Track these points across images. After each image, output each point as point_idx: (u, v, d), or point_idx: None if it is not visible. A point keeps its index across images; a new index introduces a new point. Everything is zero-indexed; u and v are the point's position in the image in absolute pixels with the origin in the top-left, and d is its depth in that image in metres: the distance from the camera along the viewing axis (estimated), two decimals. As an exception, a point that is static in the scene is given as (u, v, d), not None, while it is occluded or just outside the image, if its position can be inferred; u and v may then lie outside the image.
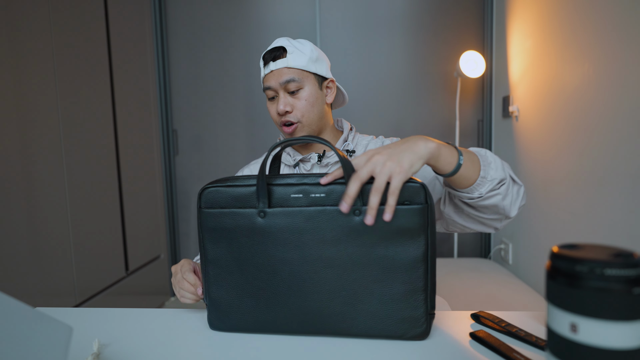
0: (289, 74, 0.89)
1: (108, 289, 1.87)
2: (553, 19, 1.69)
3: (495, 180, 0.69)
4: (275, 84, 0.90)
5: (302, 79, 0.90)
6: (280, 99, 0.90)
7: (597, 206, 1.41)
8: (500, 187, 0.71)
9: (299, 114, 0.90)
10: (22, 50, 1.43)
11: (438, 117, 2.42)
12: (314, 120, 0.92)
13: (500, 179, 0.70)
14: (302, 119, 0.91)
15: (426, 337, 0.61)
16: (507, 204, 0.73)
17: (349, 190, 0.56)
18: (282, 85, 0.89)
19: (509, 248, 2.16)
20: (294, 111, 0.90)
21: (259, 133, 2.47)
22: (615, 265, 0.34)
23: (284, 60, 0.89)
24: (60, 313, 0.74)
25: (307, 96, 0.90)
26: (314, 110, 0.91)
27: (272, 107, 0.93)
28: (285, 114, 0.90)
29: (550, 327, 0.38)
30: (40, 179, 1.49)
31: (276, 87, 0.90)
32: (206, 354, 0.59)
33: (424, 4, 2.36)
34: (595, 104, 1.41)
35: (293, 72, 0.89)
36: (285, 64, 0.89)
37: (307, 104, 0.90)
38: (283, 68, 0.89)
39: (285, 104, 0.89)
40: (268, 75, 0.92)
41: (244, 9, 2.42)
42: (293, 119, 0.90)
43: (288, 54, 0.89)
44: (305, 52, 0.91)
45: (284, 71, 0.89)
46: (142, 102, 2.24)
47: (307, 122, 0.91)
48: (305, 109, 0.90)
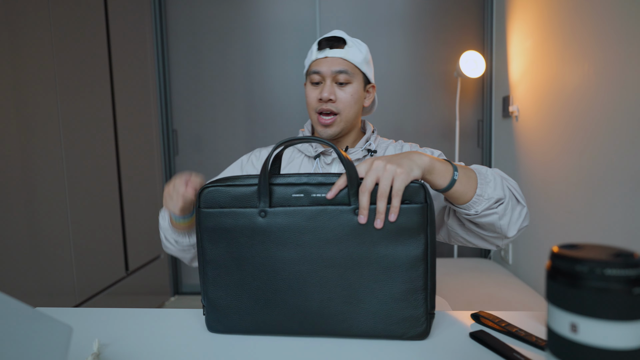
0: (343, 65, 0.90)
1: (108, 289, 1.87)
2: (553, 19, 1.69)
3: (492, 199, 0.70)
4: (326, 70, 0.90)
5: (354, 74, 0.91)
6: (327, 86, 0.90)
7: (597, 206, 1.41)
8: (498, 207, 0.71)
9: (341, 105, 0.90)
10: (22, 50, 1.43)
11: (438, 117, 2.42)
12: (350, 117, 0.93)
13: (497, 198, 0.70)
14: (342, 111, 0.91)
15: (426, 337, 0.61)
16: (504, 223, 0.73)
17: (362, 203, 0.58)
18: (333, 74, 0.90)
19: (509, 248, 2.16)
20: (337, 102, 0.90)
21: (259, 133, 2.47)
22: (616, 265, 0.34)
23: (342, 51, 0.90)
24: (60, 313, 0.74)
25: (353, 92, 0.91)
26: (354, 107, 0.92)
27: (313, 92, 0.92)
28: (328, 102, 0.90)
29: (550, 327, 0.38)
30: (40, 179, 1.49)
31: (326, 73, 0.90)
32: (206, 354, 0.59)
33: (424, 4, 2.36)
34: (595, 104, 1.41)
35: (347, 65, 0.90)
36: (343, 55, 0.90)
37: (352, 99, 0.91)
38: (339, 58, 0.90)
39: (330, 92, 0.89)
40: (320, 60, 0.91)
41: (244, 9, 2.42)
42: (334, 109, 0.90)
43: (347, 46, 0.90)
44: (362, 51, 0.93)
45: (339, 61, 0.90)
46: (142, 102, 2.24)
47: (345, 117, 0.92)
48: (348, 103, 0.91)
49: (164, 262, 2.44)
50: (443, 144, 2.42)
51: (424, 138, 2.42)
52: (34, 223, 1.46)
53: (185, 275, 2.62)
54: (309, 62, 0.95)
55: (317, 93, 0.91)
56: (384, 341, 0.61)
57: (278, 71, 2.45)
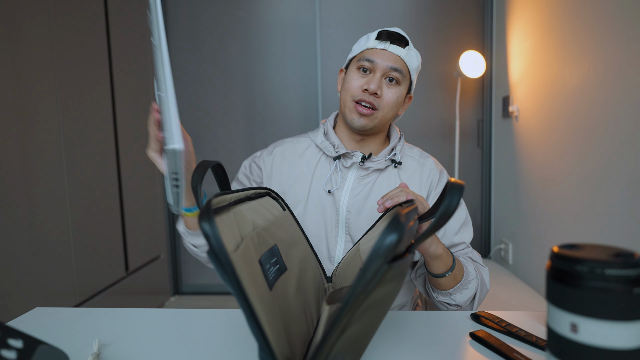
0: (400, 64, 0.86)
1: (108, 289, 1.87)
2: (553, 19, 1.69)
3: (454, 302, 0.80)
4: (382, 63, 0.85)
5: (405, 77, 0.88)
6: (376, 79, 0.85)
7: (597, 206, 1.41)
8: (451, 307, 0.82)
9: (383, 103, 0.86)
10: (22, 50, 1.43)
11: (438, 117, 2.42)
12: (387, 119, 0.89)
13: (457, 304, 0.80)
14: (382, 109, 0.87)
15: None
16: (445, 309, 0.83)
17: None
18: (388, 69, 0.85)
19: (509, 248, 2.15)
20: (381, 98, 0.86)
21: (259, 133, 2.47)
22: (616, 265, 0.34)
23: (403, 50, 0.87)
24: (60, 313, 0.74)
25: (398, 94, 0.88)
26: (393, 110, 0.89)
27: (358, 79, 0.87)
28: (372, 95, 0.86)
29: (551, 327, 0.38)
30: (40, 179, 1.49)
31: (380, 65, 0.85)
32: (206, 354, 0.59)
33: (424, 4, 2.36)
34: (595, 104, 1.41)
35: (403, 65, 0.87)
36: (403, 54, 0.87)
37: (396, 101, 0.88)
38: (398, 56, 0.87)
39: (379, 86, 0.85)
40: (378, 50, 0.87)
41: (244, 9, 2.42)
42: (376, 104, 0.86)
43: (408, 48, 0.88)
44: (418, 59, 0.90)
45: (397, 59, 0.86)
46: (142, 102, 2.24)
47: (382, 116, 0.88)
48: (390, 103, 0.87)
49: (164, 262, 2.44)
50: (443, 144, 2.42)
51: (424, 138, 2.42)
52: (34, 223, 1.46)
53: (185, 275, 2.62)
54: (363, 48, 0.89)
55: (364, 82, 0.86)
56: (384, 341, 0.61)
57: (278, 71, 2.45)
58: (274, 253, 0.56)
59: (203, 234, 0.38)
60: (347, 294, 0.38)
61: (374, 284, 0.39)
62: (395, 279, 0.44)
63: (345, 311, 0.38)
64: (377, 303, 0.44)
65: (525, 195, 1.96)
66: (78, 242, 1.67)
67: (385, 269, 0.39)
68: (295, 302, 0.55)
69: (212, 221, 0.38)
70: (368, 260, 0.38)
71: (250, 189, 0.64)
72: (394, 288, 0.47)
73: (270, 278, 0.50)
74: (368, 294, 0.39)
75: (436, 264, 0.76)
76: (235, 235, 0.46)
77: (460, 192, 0.48)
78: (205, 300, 2.52)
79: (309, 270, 0.67)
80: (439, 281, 0.78)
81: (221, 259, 0.38)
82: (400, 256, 0.45)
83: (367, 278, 0.38)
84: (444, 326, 0.65)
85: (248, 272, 0.43)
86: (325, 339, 0.39)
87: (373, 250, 0.38)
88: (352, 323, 0.41)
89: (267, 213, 0.63)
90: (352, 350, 0.47)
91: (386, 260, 0.38)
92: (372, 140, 0.93)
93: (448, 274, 0.77)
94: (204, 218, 0.38)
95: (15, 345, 0.42)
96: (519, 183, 2.03)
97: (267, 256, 0.53)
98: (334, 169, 0.91)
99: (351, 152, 0.89)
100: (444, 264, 0.76)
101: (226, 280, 0.39)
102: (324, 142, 0.92)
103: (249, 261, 0.45)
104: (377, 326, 0.51)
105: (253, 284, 0.42)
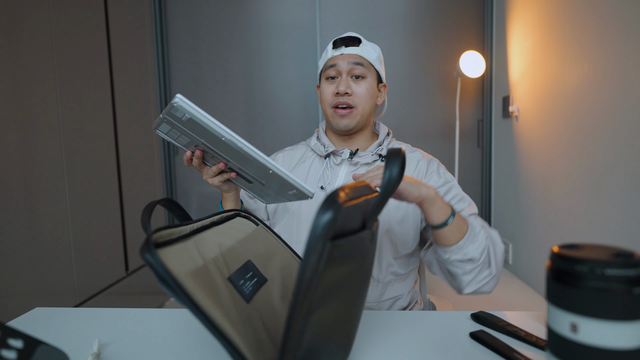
0: (359, 59, 0.94)
1: (108, 289, 1.87)
2: (553, 19, 1.69)
3: (467, 256, 0.76)
4: (343, 65, 0.93)
5: (368, 70, 0.94)
6: (343, 80, 0.93)
7: (597, 206, 1.41)
8: (467, 265, 0.77)
9: (357, 99, 0.93)
10: (22, 50, 1.43)
11: (438, 117, 2.42)
12: (366, 112, 0.95)
13: (471, 257, 0.76)
14: (358, 105, 0.93)
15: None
16: (464, 280, 0.79)
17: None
18: (349, 67, 0.93)
19: (509, 248, 2.15)
20: (353, 95, 0.93)
21: (259, 133, 2.47)
22: (616, 265, 0.34)
23: (357, 48, 0.94)
24: (60, 313, 0.74)
25: (367, 86, 0.94)
26: (370, 102, 0.95)
27: (328, 87, 0.95)
28: (345, 96, 0.93)
29: (551, 327, 0.38)
30: (40, 179, 1.49)
31: (342, 67, 0.93)
32: (206, 354, 0.59)
33: (424, 4, 2.36)
34: (595, 104, 1.41)
35: (362, 60, 0.94)
36: (358, 52, 0.94)
37: (367, 93, 0.94)
38: (354, 54, 0.94)
39: (347, 86, 0.92)
40: (337, 57, 0.95)
41: (244, 9, 2.42)
42: (351, 102, 0.93)
43: (362, 45, 0.95)
44: (376, 50, 0.97)
45: (355, 57, 0.94)
46: (142, 102, 2.24)
47: (361, 111, 0.94)
48: (364, 96, 0.94)
49: (164, 262, 2.44)
50: (443, 144, 2.42)
51: (424, 138, 2.42)
52: (34, 223, 1.46)
53: (185, 275, 2.62)
54: (324, 60, 0.98)
55: (333, 88, 0.94)
56: (384, 340, 0.61)
57: (278, 71, 2.45)
58: (248, 268, 0.57)
59: (147, 265, 0.40)
60: (297, 278, 0.39)
61: (322, 265, 0.39)
62: (349, 258, 0.45)
63: (300, 297, 0.38)
64: (338, 285, 0.44)
65: (525, 195, 1.96)
66: (78, 242, 1.67)
67: (328, 247, 0.39)
68: (283, 308, 0.56)
69: (153, 252, 0.40)
70: (308, 241, 0.38)
71: (217, 214, 0.66)
72: (354, 269, 0.47)
73: (247, 292, 0.52)
74: (320, 275, 0.39)
75: (434, 210, 0.73)
76: (193, 260, 0.48)
77: (398, 157, 0.50)
78: (205, 300, 2.52)
79: (293, 275, 0.68)
80: (443, 233, 0.75)
81: (170, 283, 0.40)
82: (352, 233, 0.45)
83: (312, 261, 0.38)
84: (444, 326, 0.65)
85: (206, 288, 0.45)
86: (289, 328, 0.39)
87: (311, 231, 0.38)
88: (315, 309, 0.41)
89: (237, 232, 0.65)
90: (334, 339, 0.48)
91: (326, 238, 0.39)
92: (359, 137, 1.00)
93: (450, 220, 0.74)
94: (144, 250, 0.40)
95: (15, 345, 0.42)
96: (519, 183, 2.03)
97: (240, 272, 0.55)
98: (325, 167, 0.98)
99: (339, 150, 0.96)
100: (442, 210, 0.73)
101: (181, 301, 0.40)
102: (317, 144, 1.01)
103: (209, 280, 0.47)
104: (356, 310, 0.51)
105: (214, 301, 0.44)
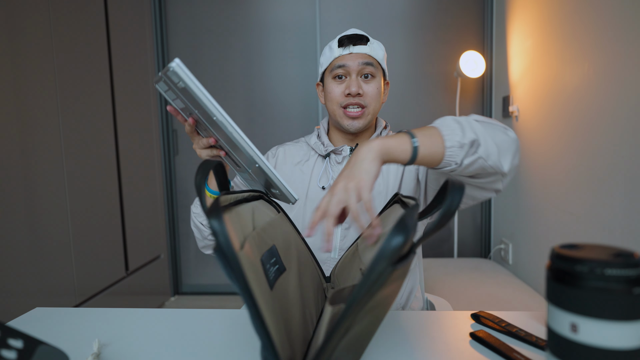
0: (368, 59, 0.92)
1: (108, 289, 1.87)
2: (553, 19, 1.69)
3: (465, 145, 0.63)
4: (352, 65, 0.91)
5: (377, 69, 0.93)
6: (354, 80, 0.91)
7: (597, 206, 1.41)
8: (478, 149, 0.64)
9: (368, 99, 0.91)
10: (22, 50, 1.43)
11: (438, 117, 2.41)
12: (375, 111, 0.94)
13: (470, 140, 0.64)
14: (369, 105, 0.92)
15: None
16: (493, 163, 0.66)
17: (328, 230, 0.52)
18: (360, 67, 0.91)
19: (509, 248, 2.15)
20: (364, 96, 0.91)
21: (259, 133, 2.47)
22: (616, 265, 0.34)
23: (366, 47, 0.92)
24: (60, 313, 0.74)
25: (377, 86, 0.93)
26: (378, 101, 0.94)
27: (337, 87, 0.93)
28: (356, 96, 0.91)
29: (551, 327, 0.38)
30: (40, 179, 1.49)
31: (352, 67, 0.91)
32: (206, 354, 0.59)
33: (424, 4, 2.36)
34: (595, 104, 1.41)
35: (372, 59, 0.92)
36: (367, 51, 0.92)
37: (377, 92, 0.92)
38: (364, 53, 0.92)
39: (358, 86, 0.90)
40: (345, 56, 0.92)
41: (244, 9, 2.42)
42: (363, 102, 0.91)
43: (370, 43, 0.92)
44: (382, 48, 0.95)
45: (364, 56, 0.91)
46: (142, 102, 2.24)
47: (371, 111, 0.92)
48: (374, 96, 0.92)
49: (164, 262, 2.44)
50: (443, 144, 2.42)
51: (424, 138, 2.42)
52: (34, 223, 1.46)
53: (185, 275, 2.62)
54: (331, 59, 0.94)
55: (343, 87, 0.92)
56: (384, 341, 0.61)
57: (278, 71, 2.45)
58: (272, 253, 0.56)
59: (212, 231, 0.37)
60: (352, 296, 0.38)
61: (378, 286, 0.39)
62: (398, 279, 0.44)
63: (349, 313, 0.38)
64: (379, 304, 0.43)
65: (525, 195, 1.96)
66: (78, 242, 1.67)
67: (390, 271, 0.38)
68: (295, 302, 0.55)
69: (221, 219, 0.37)
70: (374, 262, 0.37)
71: (246, 191, 0.64)
72: (396, 288, 0.47)
73: (270, 278, 0.50)
74: (372, 295, 0.39)
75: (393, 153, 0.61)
76: (239, 234, 0.46)
77: (461, 192, 0.46)
78: (205, 300, 2.52)
79: (307, 270, 0.68)
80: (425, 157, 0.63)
81: (228, 257, 0.37)
82: (404, 256, 0.45)
83: (372, 280, 0.38)
84: (444, 326, 0.65)
85: (252, 271, 0.43)
86: (329, 340, 0.39)
87: (379, 252, 0.37)
88: (355, 324, 0.41)
89: (263, 215, 0.63)
90: (353, 349, 0.48)
91: (391, 262, 0.38)
92: (364, 135, 0.99)
93: (415, 142, 0.62)
94: (213, 215, 0.37)
95: (16, 345, 0.42)
96: (519, 183, 2.03)
97: (267, 256, 0.53)
98: (325, 166, 0.97)
99: (339, 148, 0.95)
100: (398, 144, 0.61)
101: (232, 278, 0.38)
102: (317, 143, 0.99)
103: (252, 260, 0.45)
104: (378, 325, 0.51)
105: (257, 284, 0.42)
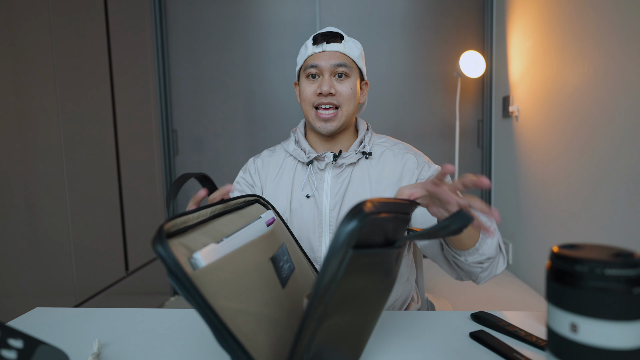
0: (342, 58, 0.89)
1: (108, 289, 1.87)
2: (553, 19, 1.69)
3: (484, 256, 0.74)
4: (325, 64, 0.89)
5: (351, 68, 0.90)
6: (326, 80, 0.88)
7: (597, 206, 1.41)
8: (485, 263, 0.75)
9: (341, 99, 0.89)
10: (22, 50, 1.43)
11: (438, 117, 2.42)
12: (350, 112, 0.91)
13: (489, 256, 0.74)
14: (342, 105, 0.90)
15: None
16: (482, 276, 0.79)
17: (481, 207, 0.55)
18: (333, 67, 0.89)
19: (509, 248, 2.15)
20: (337, 95, 0.89)
21: (259, 133, 2.47)
22: (615, 265, 0.34)
23: (340, 45, 0.90)
24: (60, 313, 0.74)
25: (351, 86, 0.90)
26: (353, 102, 0.91)
27: (310, 86, 0.90)
28: (328, 96, 0.89)
29: (550, 327, 0.38)
30: (40, 179, 1.49)
31: (325, 67, 0.89)
32: (206, 354, 0.59)
33: (424, 4, 2.36)
34: (595, 104, 1.41)
35: (346, 58, 0.90)
36: (341, 49, 0.90)
37: (351, 92, 0.90)
38: (337, 52, 0.89)
39: (330, 86, 0.88)
40: (318, 54, 0.90)
41: (244, 9, 2.42)
42: (335, 102, 0.89)
43: (344, 41, 0.90)
44: (358, 47, 0.93)
45: (338, 55, 0.89)
46: (142, 102, 2.24)
47: (345, 112, 0.90)
48: (348, 96, 0.90)
49: (164, 262, 2.44)
50: (443, 144, 2.42)
51: (423, 138, 2.42)
52: (34, 223, 1.46)
53: (185, 275, 2.62)
54: (304, 57, 0.93)
55: (315, 87, 0.89)
56: (384, 341, 0.61)
57: (278, 71, 2.45)
58: (284, 251, 0.57)
59: (159, 257, 0.39)
60: (315, 282, 0.38)
61: (341, 271, 0.39)
62: (371, 270, 0.44)
63: (315, 300, 0.38)
64: (355, 294, 0.43)
65: (525, 195, 1.96)
66: (78, 242, 1.67)
67: (350, 255, 0.39)
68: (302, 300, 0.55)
69: (164, 244, 0.39)
70: (330, 246, 0.38)
71: (240, 197, 0.64)
72: (375, 282, 0.46)
73: (284, 275, 0.51)
74: (338, 282, 0.39)
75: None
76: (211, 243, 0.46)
77: (465, 222, 0.46)
78: (205, 300, 2.52)
79: (304, 271, 0.68)
80: (460, 238, 0.72)
81: (181, 279, 0.39)
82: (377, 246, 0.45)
83: (333, 266, 0.38)
84: (444, 326, 0.65)
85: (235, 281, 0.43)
86: (301, 330, 0.39)
87: (334, 237, 0.38)
88: (329, 314, 0.41)
89: None
90: (344, 346, 0.47)
91: (349, 246, 0.39)
92: (342, 137, 0.96)
93: None
94: (156, 241, 0.39)
95: (16, 345, 0.42)
96: (519, 183, 2.03)
97: (279, 254, 0.54)
98: (308, 174, 0.93)
99: (322, 154, 0.92)
100: None
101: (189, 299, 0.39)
102: (296, 150, 0.95)
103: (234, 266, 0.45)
104: (370, 322, 0.51)
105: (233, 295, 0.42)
